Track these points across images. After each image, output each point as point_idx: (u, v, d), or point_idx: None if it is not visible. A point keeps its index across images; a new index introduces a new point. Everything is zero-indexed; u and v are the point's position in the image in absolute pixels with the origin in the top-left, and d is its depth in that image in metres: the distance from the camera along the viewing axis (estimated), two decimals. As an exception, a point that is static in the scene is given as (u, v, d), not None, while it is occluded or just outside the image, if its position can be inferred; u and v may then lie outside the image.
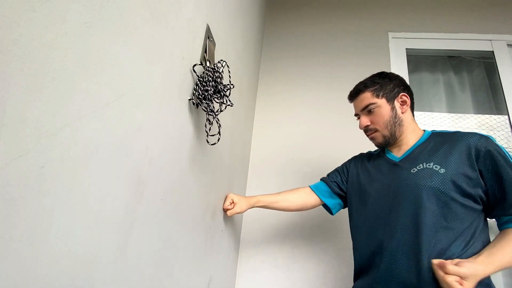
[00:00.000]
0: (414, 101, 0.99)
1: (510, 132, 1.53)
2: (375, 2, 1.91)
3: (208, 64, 0.71)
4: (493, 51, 1.68)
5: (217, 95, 0.67)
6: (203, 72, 0.68)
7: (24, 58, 0.26)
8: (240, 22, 1.14)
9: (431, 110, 1.69)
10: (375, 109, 0.93)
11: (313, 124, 1.62)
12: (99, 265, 0.38)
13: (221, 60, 0.71)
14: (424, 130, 0.96)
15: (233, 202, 1.01)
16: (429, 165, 0.81)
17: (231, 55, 1.02)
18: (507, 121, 1.55)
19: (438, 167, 0.80)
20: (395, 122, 0.92)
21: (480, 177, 0.77)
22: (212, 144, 0.75)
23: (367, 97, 0.95)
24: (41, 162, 0.29)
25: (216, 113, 0.66)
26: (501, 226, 0.77)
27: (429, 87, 1.75)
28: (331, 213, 1.09)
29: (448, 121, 1.65)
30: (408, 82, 1.65)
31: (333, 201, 1.07)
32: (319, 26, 1.88)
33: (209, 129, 0.69)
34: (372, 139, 0.97)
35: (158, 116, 0.53)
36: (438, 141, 0.87)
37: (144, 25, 0.46)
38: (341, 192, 1.05)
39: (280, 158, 1.57)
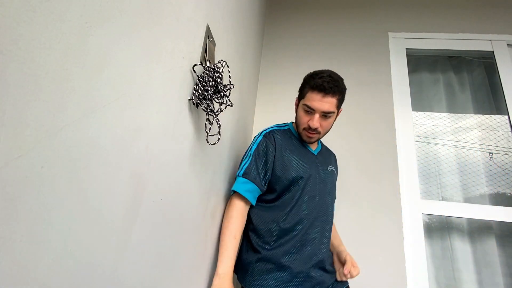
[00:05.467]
0: (415, 101, 1.02)
1: (510, 132, 1.53)
2: (375, 2, 1.91)
3: (208, 64, 0.71)
4: (493, 51, 1.68)
5: (217, 95, 0.67)
6: (203, 72, 0.68)
7: (24, 58, 0.26)
8: (240, 22, 1.14)
9: (431, 110, 1.68)
10: (331, 117, 1.00)
11: (313, 124, 1.62)
12: (99, 265, 0.38)
13: (221, 60, 0.71)
14: None
15: None
16: (332, 168, 1.11)
17: (231, 55, 1.02)
18: (507, 121, 1.55)
19: (334, 170, 1.12)
20: (329, 130, 1.05)
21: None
22: (212, 144, 0.75)
23: (333, 103, 0.97)
24: (41, 162, 0.29)
25: (216, 113, 0.66)
26: None
27: (429, 87, 1.75)
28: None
29: (448, 121, 1.65)
30: (408, 82, 1.67)
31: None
32: (319, 26, 1.88)
33: (209, 129, 0.69)
34: (309, 137, 1.03)
35: (158, 116, 0.52)
36: (324, 148, 1.18)
37: (144, 25, 0.46)
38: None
39: (280, 158, 1.56)
